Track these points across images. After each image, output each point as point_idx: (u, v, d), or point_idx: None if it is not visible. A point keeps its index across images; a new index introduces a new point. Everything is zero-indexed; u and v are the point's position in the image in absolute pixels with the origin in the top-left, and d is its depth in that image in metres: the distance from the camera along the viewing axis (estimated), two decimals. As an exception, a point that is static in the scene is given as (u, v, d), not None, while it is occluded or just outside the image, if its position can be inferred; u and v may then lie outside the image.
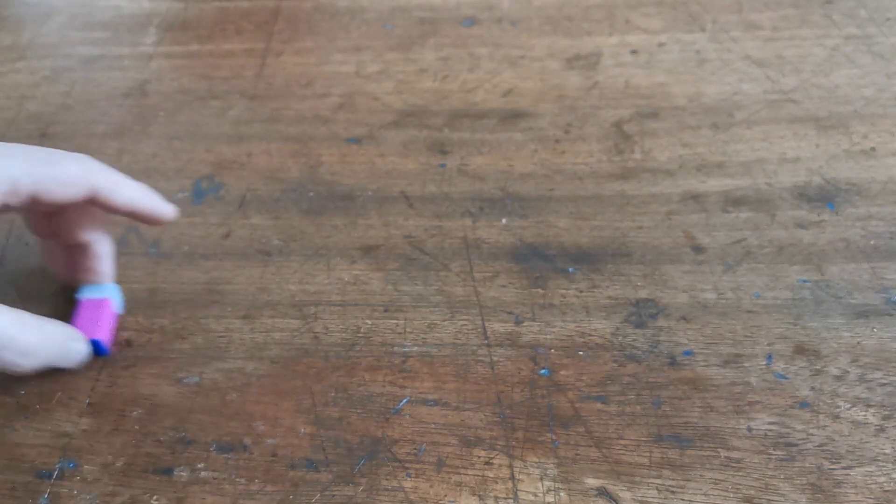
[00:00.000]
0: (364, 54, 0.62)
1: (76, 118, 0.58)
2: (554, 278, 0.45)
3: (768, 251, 0.46)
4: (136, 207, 0.40)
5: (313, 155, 0.54)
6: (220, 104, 0.58)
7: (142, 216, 0.41)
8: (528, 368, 0.40)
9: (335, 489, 0.36)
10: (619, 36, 0.62)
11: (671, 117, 0.55)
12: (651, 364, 0.40)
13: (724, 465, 0.36)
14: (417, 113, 0.56)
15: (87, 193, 0.38)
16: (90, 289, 0.43)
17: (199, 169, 0.53)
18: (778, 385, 0.39)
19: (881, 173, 0.50)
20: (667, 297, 0.43)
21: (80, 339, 0.40)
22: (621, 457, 0.37)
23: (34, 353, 0.37)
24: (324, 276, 0.46)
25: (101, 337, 0.41)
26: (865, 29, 0.61)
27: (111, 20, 0.67)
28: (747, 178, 0.50)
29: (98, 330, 0.41)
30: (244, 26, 0.66)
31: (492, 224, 0.48)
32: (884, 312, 0.42)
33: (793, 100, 0.56)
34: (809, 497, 0.35)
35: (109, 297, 0.42)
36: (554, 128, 0.55)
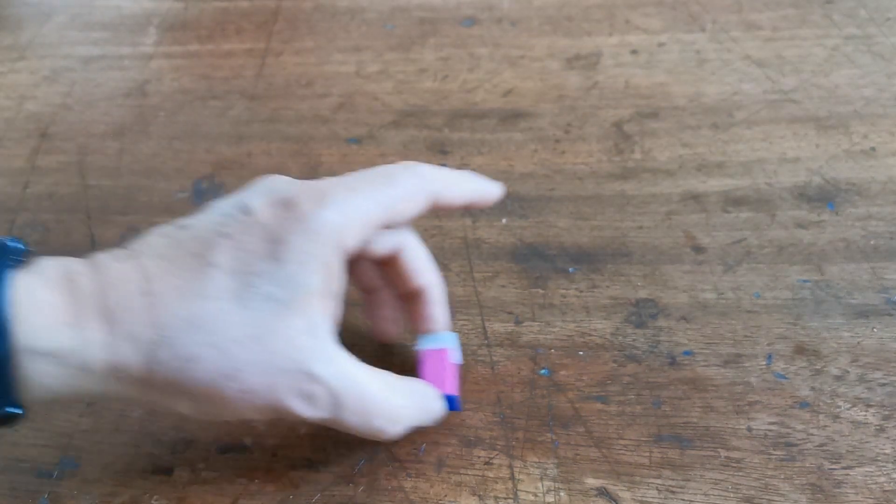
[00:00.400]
0: (364, 54, 0.62)
1: (76, 118, 0.58)
2: (554, 278, 0.45)
3: (768, 251, 0.46)
4: (472, 200, 0.37)
5: (313, 155, 0.54)
6: (220, 104, 0.58)
7: (476, 205, 0.38)
8: (528, 368, 0.40)
9: (335, 489, 0.36)
10: (619, 36, 0.62)
11: (671, 117, 0.55)
12: (651, 364, 0.40)
13: (724, 465, 0.36)
14: (417, 113, 0.56)
15: (428, 204, 0.35)
16: (428, 338, 0.39)
17: (199, 169, 0.53)
18: (778, 385, 0.39)
19: (881, 173, 0.50)
20: (667, 297, 0.43)
21: (439, 398, 0.37)
22: (621, 457, 0.37)
23: (404, 418, 0.35)
24: (324, 276, 0.46)
25: (453, 391, 0.38)
26: (865, 29, 0.61)
27: (111, 20, 0.67)
28: (747, 178, 0.50)
29: (447, 384, 0.38)
30: (244, 26, 0.66)
31: (492, 224, 0.48)
32: (884, 312, 0.42)
33: (793, 100, 0.56)
34: (809, 497, 0.35)
35: (449, 347, 0.39)
36: (554, 128, 0.55)
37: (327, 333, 0.32)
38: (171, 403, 0.32)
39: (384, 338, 0.41)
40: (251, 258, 0.31)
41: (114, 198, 0.51)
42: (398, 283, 0.38)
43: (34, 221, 0.50)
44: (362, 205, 0.33)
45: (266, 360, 0.31)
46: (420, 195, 0.35)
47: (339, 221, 0.32)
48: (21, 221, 0.50)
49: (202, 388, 0.31)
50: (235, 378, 0.31)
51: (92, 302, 0.30)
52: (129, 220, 0.50)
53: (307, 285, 0.31)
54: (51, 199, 0.51)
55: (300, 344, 0.31)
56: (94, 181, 0.53)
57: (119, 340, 0.30)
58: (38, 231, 0.49)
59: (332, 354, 0.32)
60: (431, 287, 0.38)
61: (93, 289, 0.31)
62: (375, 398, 0.33)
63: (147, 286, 0.31)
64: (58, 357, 0.30)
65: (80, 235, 0.49)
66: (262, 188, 0.34)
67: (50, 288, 0.30)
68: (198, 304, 0.30)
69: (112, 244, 0.48)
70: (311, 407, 0.32)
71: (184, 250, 0.32)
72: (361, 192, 0.33)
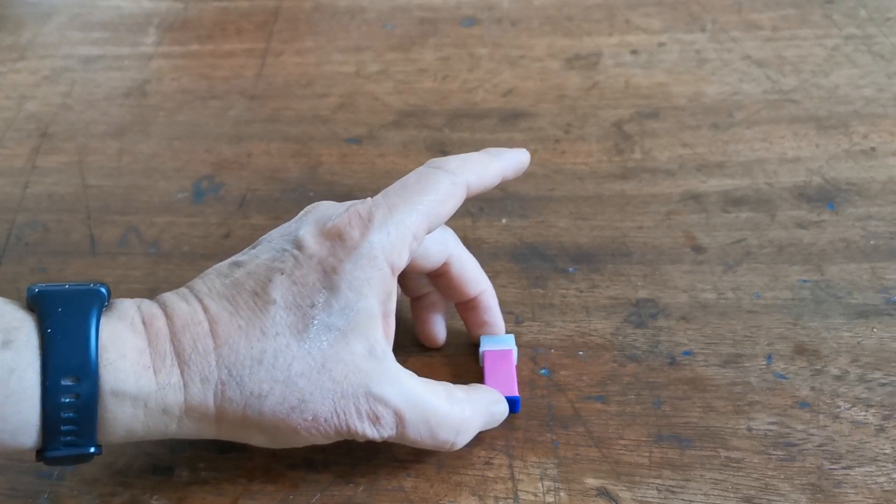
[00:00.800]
0: (364, 54, 0.62)
1: (76, 118, 0.58)
2: (554, 278, 0.45)
3: (768, 251, 0.46)
4: (504, 176, 0.38)
5: (313, 155, 0.54)
6: (220, 104, 0.58)
7: (512, 176, 0.38)
8: (528, 368, 0.40)
9: (335, 489, 0.36)
10: (619, 36, 0.62)
11: (671, 117, 0.55)
12: (651, 364, 0.40)
13: (724, 465, 0.36)
14: (417, 113, 0.56)
15: (464, 198, 0.36)
16: (490, 340, 0.40)
17: (199, 169, 0.53)
18: (778, 385, 0.39)
19: (881, 173, 0.50)
20: (667, 297, 0.43)
21: (502, 401, 0.37)
22: (621, 457, 0.37)
23: (468, 428, 0.35)
24: (324, 276, 0.46)
25: (515, 392, 0.38)
26: (865, 29, 0.61)
27: (111, 20, 0.67)
28: (747, 178, 0.50)
29: (509, 386, 0.38)
30: (244, 26, 0.66)
31: (492, 224, 0.48)
32: (884, 312, 0.42)
33: (793, 100, 0.56)
34: (809, 497, 0.35)
35: (511, 348, 0.40)
36: (554, 128, 0.55)
37: (387, 353, 0.34)
38: (246, 437, 0.33)
39: (431, 342, 0.42)
40: (307, 291, 0.33)
41: (114, 198, 0.51)
42: (452, 293, 0.40)
43: (34, 221, 0.50)
44: (405, 220, 0.34)
45: (331, 388, 0.32)
46: (456, 193, 0.35)
47: (387, 242, 0.33)
48: (21, 221, 0.50)
49: (273, 422, 0.32)
50: (303, 409, 0.32)
51: (168, 346, 0.32)
52: (129, 220, 0.50)
53: (364, 310, 0.33)
54: (51, 199, 0.51)
55: (363, 368, 0.32)
56: (94, 181, 0.53)
57: (193, 382, 0.32)
58: (38, 231, 0.49)
59: (395, 374, 0.33)
60: (486, 294, 0.40)
61: (167, 332, 0.32)
62: (438, 413, 0.34)
63: (213, 327, 0.32)
64: (140, 400, 0.31)
65: (80, 235, 0.49)
66: (310, 218, 0.35)
67: (133, 332, 0.32)
68: (261, 342, 0.32)
69: (112, 244, 0.48)
70: (378, 428, 0.33)
71: (242, 289, 0.33)
72: (402, 208, 0.34)
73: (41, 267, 0.47)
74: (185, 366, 0.32)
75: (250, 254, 0.35)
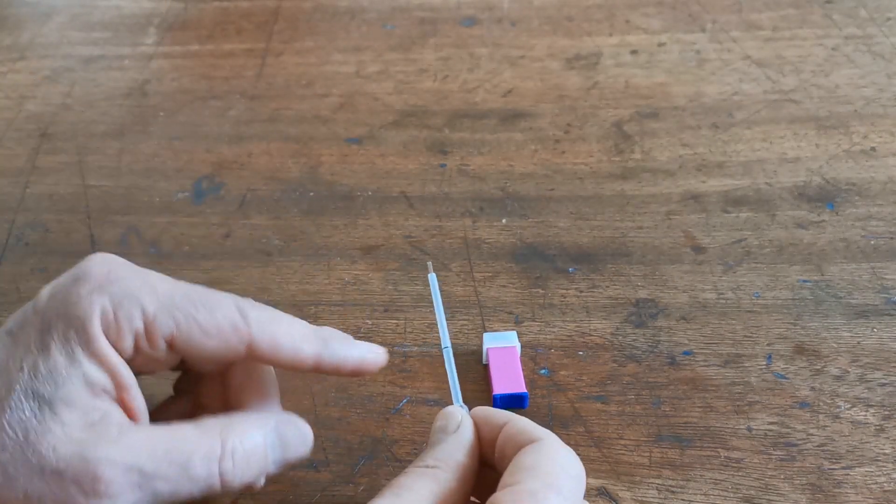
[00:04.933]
0: (364, 54, 0.62)
1: (76, 118, 0.58)
2: (554, 278, 0.45)
3: (768, 251, 0.46)
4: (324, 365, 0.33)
5: (313, 155, 0.54)
6: (220, 104, 0.58)
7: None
8: (528, 368, 0.40)
9: (335, 489, 0.36)
10: (619, 36, 0.62)
11: (671, 117, 0.55)
12: (651, 364, 0.40)
13: (724, 465, 0.36)
14: (417, 113, 0.56)
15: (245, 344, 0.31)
16: (494, 336, 0.40)
17: (199, 169, 0.53)
18: (778, 385, 0.39)
19: (881, 173, 0.50)
20: (667, 297, 0.43)
21: (291, 422, 0.33)
22: (621, 457, 0.37)
23: (236, 454, 0.30)
24: (324, 276, 0.46)
25: (523, 389, 0.38)
26: (865, 29, 0.61)
27: (111, 20, 0.67)
28: (747, 178, 0.50)
29: (516, 382, 0.38)
30: (244, 26, 0.66)
31: (492, 224, 0.48)
32: (884, 312, 0.42)
33: (793, 100, 0.56)
34: (809, 497, 0.35)
35: (515, 345, 0.40)
36: (554, 128, 0.55)
37: (109, 418, 0.29)
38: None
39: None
40: (20, 352, 0.29)
41: (114, 198, 0.51)
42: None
43: (34, 221, 0.50)
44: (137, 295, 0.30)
45: (37, 463, 0.28)
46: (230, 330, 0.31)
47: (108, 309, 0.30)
48: (21, 221, 0.50)
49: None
50: (12, 486, 0.28)
51: None
52: (129, 220, 0.50)
53: (77, 377, 0.29)
54: (51, 199, 0.51)
55: (75, 437, 0.28)
56: (94, 181, 0.53)
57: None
58: (38, 231, 0.49)
59: (118, 431, 0.29)
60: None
61: None
62: (184, 444, 0.29)
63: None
64: None
65: (80, 235, 0.49)
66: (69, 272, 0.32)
67: None
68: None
69: (112, 244, 0.48)
70: (110, 500, 0.28)
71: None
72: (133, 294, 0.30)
73: (41, 267, 0.47)
74: None
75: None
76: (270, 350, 0.31)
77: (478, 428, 0.30)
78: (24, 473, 0.28)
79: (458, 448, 0.29)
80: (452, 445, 0.30)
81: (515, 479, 0.27)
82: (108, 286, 0.30)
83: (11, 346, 0.30)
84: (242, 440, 0.30)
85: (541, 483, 0.27)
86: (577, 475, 0.28)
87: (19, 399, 0.28)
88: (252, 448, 0.30)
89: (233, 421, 0.31)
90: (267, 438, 0.31)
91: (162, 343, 0.30)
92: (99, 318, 0.29)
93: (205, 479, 0.29)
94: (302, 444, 0.32)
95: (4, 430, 0.28)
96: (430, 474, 0.28)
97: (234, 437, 0.30)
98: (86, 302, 0.29)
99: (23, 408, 0.28)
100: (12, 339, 0.30)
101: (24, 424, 0.28)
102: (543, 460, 0.28)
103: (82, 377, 0.29)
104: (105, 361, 0.29)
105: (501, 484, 0.27)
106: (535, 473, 0.27)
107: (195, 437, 0.30)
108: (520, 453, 0.28)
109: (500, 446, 0.30)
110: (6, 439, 0.28)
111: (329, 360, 0.32)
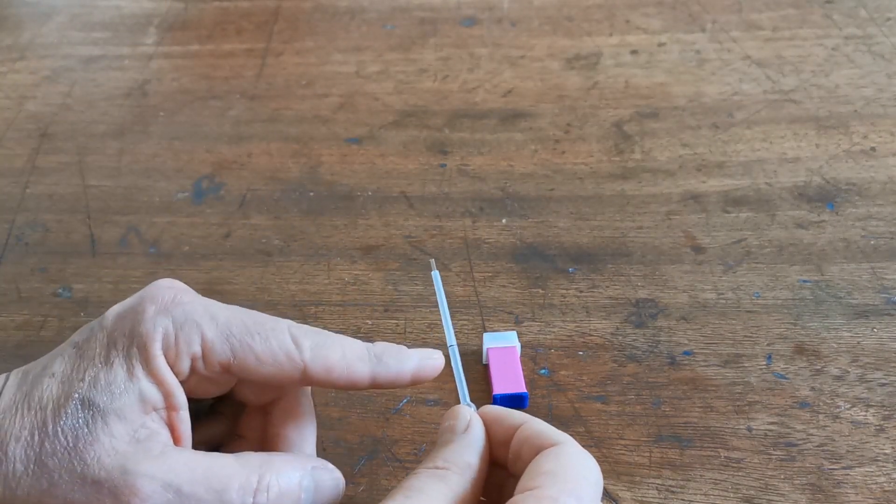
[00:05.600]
0: (364, 54, 0.62)
1: (76, 118, 0.58)
2: (554, 278, 0.45)
3: (768, 251, 0.46)
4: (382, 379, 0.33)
5: (313, 155, 0.54)
6: (220, 104, 0.58)
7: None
8: (528, 368, 0.40)
9: (335, 489, 0.36)
10: (619, 36, 0.62)
11: (671, 117, 0.55)
12: (651, 364, 0.40)
13: (724, 465, 0.36)
14: (417, 113, 0.56)
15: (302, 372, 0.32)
16: (494, 336, 0.40)
17: (199, 169, 0.53)
18: (778, 385, 0.39)
19: (881, 173, 0.50)
20: (667, 297, 0.43)
21: (327, 469, 0.33)
22: (621, 457, 0.37)
23: (271, 490, 0.31)
24: (324, 276, 0.46)
25: (524, 389, 0.38)
26: (865, 29, 0.61)
27: (111, 20, 0.67)
28: (747, 178, 0.50)
29: (516, 382, 0.38)
30: (244, 26, 0.66)
31: (492, 224, 0.48)
32: (884, 312, 0.42)
33: (793, 100, 0.56)
34: (809, 497, 0.35)
35: (515, 345, 0.40)
36: (554, 128, 0.55)
37: (154, 438, 0.30)
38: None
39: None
40: (85, 364, 0.31)
41: (114, 198, 0.51)
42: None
43: (34, 221, 0.50)
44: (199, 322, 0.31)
45: (80, 471, 0.29)
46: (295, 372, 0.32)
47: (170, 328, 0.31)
48: (21, 221, 0.50)
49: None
50: (54, 493, 0.29)
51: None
52: (129, 220, 0.50)
53: (132, 392, 0.30)
54: (51, 199, 0.51)
55: (120, 450, 0.29)
56: (94, 181, 0.53)
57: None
58: (38, 231, 0.49)
59: (160, 451, 0.30)
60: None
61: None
62: (222, 471, 0.30)
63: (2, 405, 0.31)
64: None
65: (80, 235, 0.49)
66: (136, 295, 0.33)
67: None
68: (26, 417, 0.30)
69: (112, 244, 0.48)
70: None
71: (38, 363, 0.32)
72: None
73: (41, 267, 0.47)
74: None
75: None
76: (324, 375, 0.32)
77: (488, 428, 0.30)
78: (66, 481, 0.29)
79: (468, 449, 0.30)
80: (462, 446, 0.30)
81: (535, 483, 0.27)
82: (172, 309, 0.31)
83: (77, 359, 0.31)
84: (279, 478, 0.31)
85: (561, 489, 0.26)
86: (596, 481, 0.28)
87: (76, 407, 0.29)
88: (287, 488, 0.31)
89: (272, 458, 0.31)
90: (303, 481, 0.31)
91: (217, 367, 0.31)
92: (161, 339, 0.31)
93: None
94: (334, 492, 0.33)
95: (58, 436, 0.29)
96: (440, 476, 0.28)
97: (272, 474, 0.31)
98: (150, 323, 0.31)
99: (77, 416, 0.29)
100: (78, 352, 0.31)
101: (75, 432, 0.29)
102: (563, 466, 0.27)
103: (138, 392, 0.30)
104: (162, 380, 0.30)
105: (520, 487, 0.27)
106: (555, 479, 0.27)
107: (235, 467, 0.30)
108: (538, 457, 0.28)
109: (515, 448, 0.29)
110: (57, 445, 0.29)
111: (385, 377, 0.33)
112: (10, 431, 0.30)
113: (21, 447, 0.29)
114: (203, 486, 0.29)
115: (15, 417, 0.30)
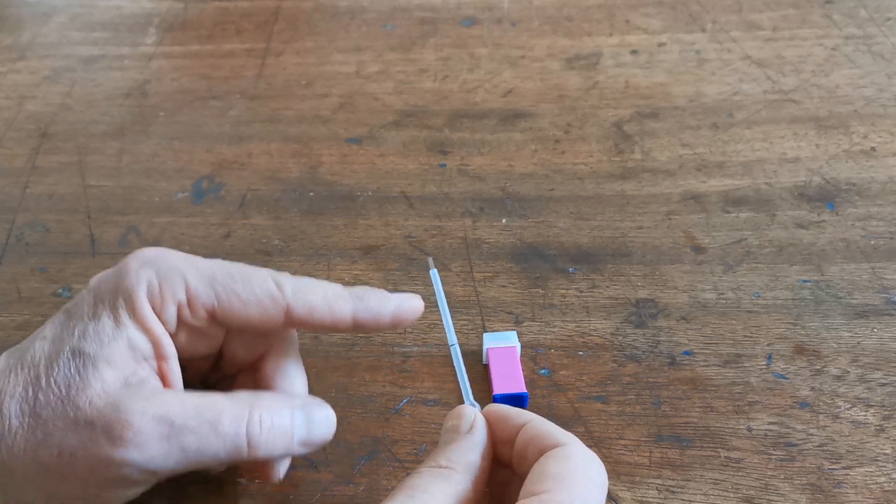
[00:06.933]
0: (364, 54, 0.62)
1: (76, 118, 0.58)
2: (554, 278, 0.45)
3: (768, 251, 0.46)
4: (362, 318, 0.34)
5: (313, 155, 0.54)
6: (220, 104, 0.58)
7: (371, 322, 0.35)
8: (528, 368, 0.40)
9: (335, 489, 0.36)
10: (619, 36, 0.62)
11: (671, 117, 0.55)
12: (651, 364, 0.40)
13: (724, 465, 0.36)
14: (417, 113, 0.56)
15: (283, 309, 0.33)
16: (494, 336, 0.40)
17: (199, 169, 0.53)
18: (778, 385, 0.39)
19: (881, 173, 0.50)
20: (667, 297, 0.43)
21: (319, 405, 0.34)
22: (621, 457, 0.37)
23: (263, 421, 0.31)
24: (324, 277, 0.46)
25: (523, 389, 0.38)
26: (865, 29, 0.61)
27: (111, 20, 0.67)
28: (747, 178, 0.50)
29: (516, 382, 0.38)
30: (244, 26, 0.66)
31: (492, 224, 0.48)
32: (884, 312, 0.42)
33: (793, 100, 0.56)
34: (809, 497, 0.35)
35: (515, 345, 0.40)
36: (554, 128, 0.55)
37: (145, 382, 0.31)
38: (19, 495, 0.31)
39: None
40: (74, 321, 0.32)
41: (114, 198, 0.51)
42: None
43: (34, 221, 0.50)
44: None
45: (73, 416, 0.29)
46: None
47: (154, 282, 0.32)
48: (21, 221, 0.50)
49: (24, 463, 0.30)
50: (48, 444, 0.29)
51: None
52: (129, 220, 0.50)
53: (122, 339, 0.31)
54: (51, 199, 0.51)
55: (112, 393, 0.30)
56: (94, 181, 0.53)
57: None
58: (38, 231, 0.49)
59: (151, 391, 0.31)
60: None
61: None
62: (216, 404, 0.31)
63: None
64: None
65: (80, 235, 0.49)
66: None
67: None
68: (19, 374, 0.31)
69: (112, 244, 0.48)
70: (140, 449, 0.29)
71: (34, 333, 0.33)
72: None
73: (41, 267, 0.47)
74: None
75: None
76: (307, 314, 0.33)
77: (492, 426, 0.30)
78: (60, 428, 0.29)
79: (471, 448, 0.29)
80: (466, 446, 0.30)
81: (542, 487, 0.27)
82: (154, 262, 0.33)
83: (66, 320, 0.32)
84: (271, 413, 0.31)
85: (567, 494, 0.26)
86: (602, 482, 0.28)
87: (67, 359, 0.30)
88: (279, 422, 0.31)
89: (262, 395, 0.32)
90: (294, 416, 0.32)
91: (203, 313, 0.32)
92: (146, 289, 0.32)
93: (232, 437, 0.30)
94: (326, 427, 0.33)
95: (51, 386, 0.30)
96: (443, 475, 0.28)
97: (263, 409, 0.31)
98: (134, 276, 0.32)
99: (69, 366, 0.30)
100: (67, 315, 0.32)
101: (67, 381, 0.30)
102: (570, 469, 0.27)
103: (126, 340, 0.31)
104: (149, 329, 0.32)
105: (526, 490, 0.27)
106: (562, 484, 0.27)
107: (226, 402, 0.31)
108: (543, 458, 0.28)
109: (519, 447, 0.29)
110: (51, 395, 0.30)
111: (366, 315, 0.33)
112: (5, 390, 0.30)
113: (16, 402, 0.30)
114: (195, 417, 0.30)
115: (9, 378, 0.31)
